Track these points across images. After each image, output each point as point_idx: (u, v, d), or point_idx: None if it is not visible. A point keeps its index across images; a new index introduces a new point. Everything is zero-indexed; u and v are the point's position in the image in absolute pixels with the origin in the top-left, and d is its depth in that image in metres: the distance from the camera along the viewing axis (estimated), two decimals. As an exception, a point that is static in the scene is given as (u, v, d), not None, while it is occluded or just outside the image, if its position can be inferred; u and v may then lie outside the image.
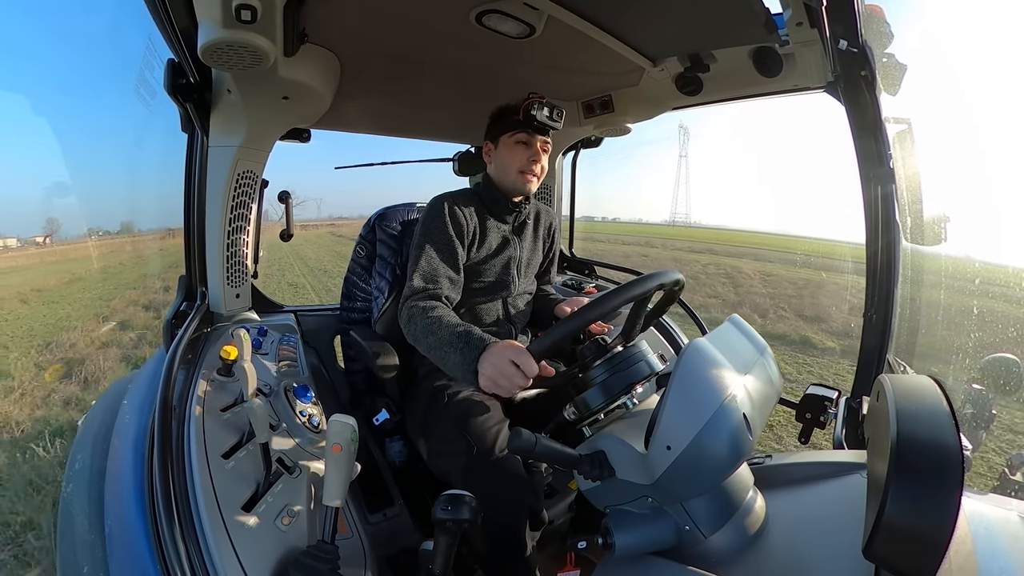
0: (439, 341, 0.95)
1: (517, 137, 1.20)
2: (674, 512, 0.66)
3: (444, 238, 1.15)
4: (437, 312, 1.02)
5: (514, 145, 1.20)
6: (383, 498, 1.23)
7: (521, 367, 0.79)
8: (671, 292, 0.91)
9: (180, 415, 0.86)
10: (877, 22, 0.97)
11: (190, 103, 1.05)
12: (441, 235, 1.15)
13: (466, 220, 1.19)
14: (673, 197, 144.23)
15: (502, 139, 1.21)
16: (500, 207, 1.26)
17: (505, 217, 1.28)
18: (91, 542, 0.79)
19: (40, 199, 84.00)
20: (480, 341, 0.88)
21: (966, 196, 5.79)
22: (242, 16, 0.77)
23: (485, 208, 1.26)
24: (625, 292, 0.81)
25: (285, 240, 1.47)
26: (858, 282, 1.40)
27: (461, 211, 1.19)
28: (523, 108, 1.15)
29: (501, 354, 0.82)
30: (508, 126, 1.20)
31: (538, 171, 1.22)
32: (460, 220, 1.18)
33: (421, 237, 1.16)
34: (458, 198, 1.22)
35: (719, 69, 1.26)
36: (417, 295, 1.09)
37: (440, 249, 1.14)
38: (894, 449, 0.48)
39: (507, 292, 1.27)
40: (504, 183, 1.23)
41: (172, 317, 1.15)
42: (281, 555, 0.73)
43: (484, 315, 1.24)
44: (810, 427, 1.17)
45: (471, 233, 1.20)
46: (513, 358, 0.80)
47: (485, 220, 1.24)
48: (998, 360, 1.82)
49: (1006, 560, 0.53)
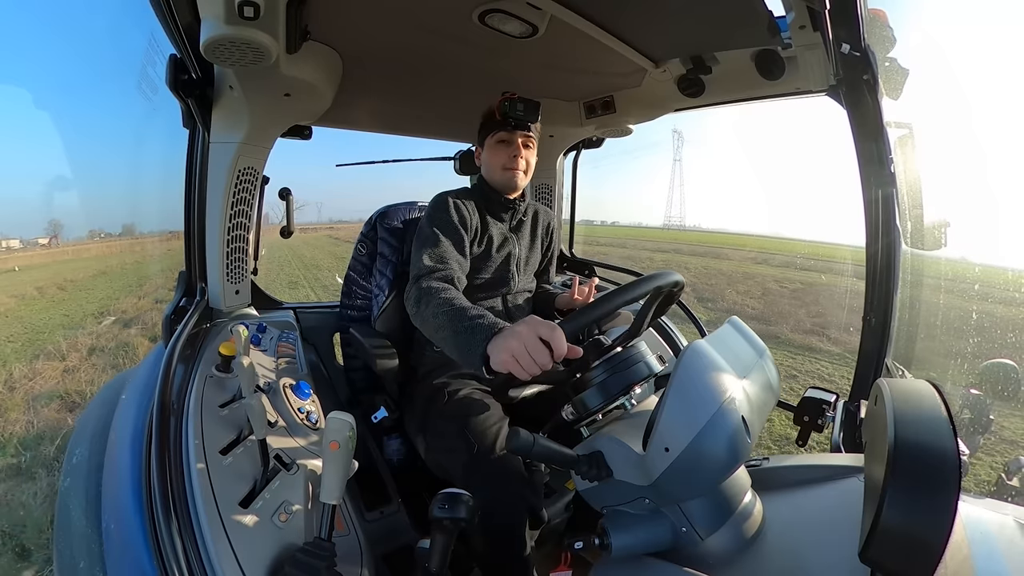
0: (451, 320, 0.87)
1: (498, 136, 1.23)
2: (671, 513, 0.67)
3: (451, 227, 1.16)
4: (451, 293, 0.97)
5: (496, 144, 1.23)
6: (381, 496, 1.23)
7: (552, 344, 0.72)
8: (671, 293, 0.91)
9: (178, 411, 0.86)
10: (880, 26, 0.97)
11: (192, 99, 1.05)
12: (448, 224, 1.16)
13: (469, 215, 1.21)
14: (668, 200, 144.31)
15: (487, 141, 1.25)
16: (497, 206, 1.29)
17: (502, 215, 1.30)
18: (88, 537, 0.79)
19: (40, 198, 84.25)
20: (495, 324, 0.81)
21: (968, 201, 5.80)
22: (245, 12, 0.77)
23: (484, 207, 1.28)
24: (649, 282, 0.82)
25: (285, 237, 1.47)
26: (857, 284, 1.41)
27: (464, 206, 1.21)
28: (498, 107, 1.19)
29: (530, 329, 0.74)
30: (490, 127, 1.24)
31: (522, 165, 1.23)
32: (464, 214, 1.20)
33: (428, 227, 1.15)
34: (460, 195, 1.24)
35: (721, 71, 1.26)
36: (428, 275, 1.04)
37: (449, 235, 1.14)
38: (891, 453, 0.48)
39: (507, 289, 1.28)
40: (494, 181, 1.27)
41: (171, 313, 1.15)
42: (278, 552, 0.73)
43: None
44: (808, 430, 1.17)
45: (473, 229, 1.21)
46: (544, 335, 0.72)
47: (485, 217, 1.26)
48: (996, 366, 1.83)
49: (1002, 564, 0.53)
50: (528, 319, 0.77)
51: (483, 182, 1.31)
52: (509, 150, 1.22)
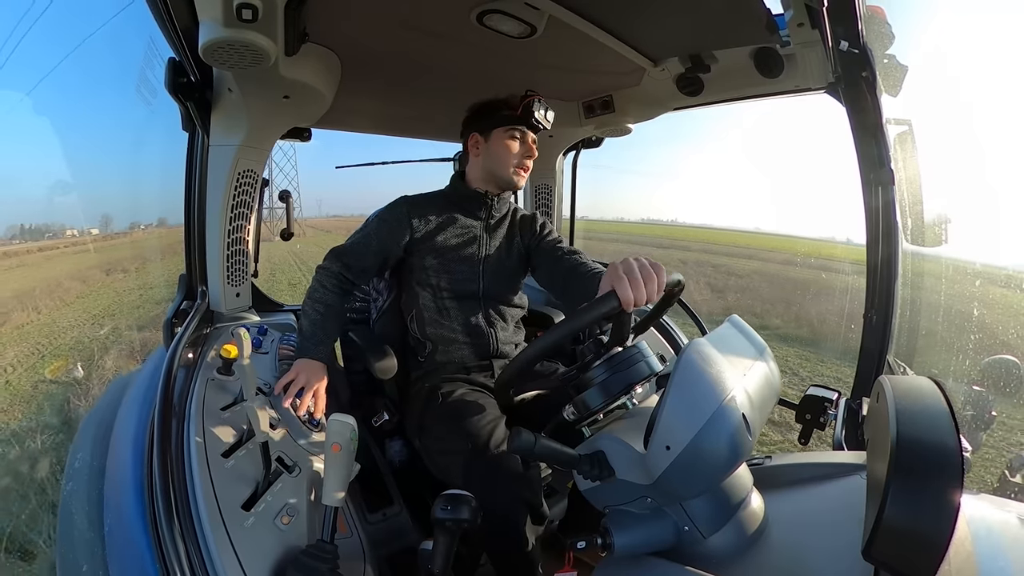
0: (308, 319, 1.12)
1: (512, 132, 1.19)
2: (673, 512, 0.66)
3: (380, 235, 1.19)
4: (328, 299, 1.14)
5: (509, 140, 1.20)
6: (383, 498, 1.23)
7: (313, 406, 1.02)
8: (671, 292, 0.91)
9: (180, 414, 0.86)
10: (878, 23, 0.97)
11: (191, 102, 1.05)
12: (376, 233, 1.20)
13: (412, 227, 1.20)
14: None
15: (495, 132, 1.20)
16: (472, 203, 1.25)
17: (477, 213, 1.26)
18: (90, 541, 0.79)
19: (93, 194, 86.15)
20: (306, 351, 1.08)
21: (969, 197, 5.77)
22: (243, 15, 0.77)
23: (453, 206, 1.25)
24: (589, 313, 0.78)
25: (286, 239, 1.47)
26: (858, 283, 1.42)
27: (412, 217, 1.20)
28: (523, 105, 1.16)
29: (305, 376, 1.03)
30: (503, 120, 1.19)
31: (530, 166, 1.23)
32: (401, 227, 1.19)
33: (371, 221, 1.23)
34: (418, 202, 1.23)
35: (720, 70, 1.26)
36: (331, 261, 1.17)
37: (372, 240, 1.19)
38: (894, 450, 0.48)
39: (478, 291, 1.23)
40: (497, 174, 1.22)
41: (172, 316, 1.15)
42: (280, 554, 0.73)
43: (460, 316, 1.22)
44: (810, 428, 1.17)
45: (421, 235, 1.20)
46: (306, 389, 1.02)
47: (452, 219, 1.23)
48: (998, 362, 1.83)
49: (1006, 561, 0.52)
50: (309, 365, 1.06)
51: (463, 177, 1.28)
52: (522, 149, 1.21)
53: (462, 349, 1.22)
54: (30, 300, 9.13)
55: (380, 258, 1.19)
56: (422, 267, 1.21)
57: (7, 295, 9.67)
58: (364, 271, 1.19)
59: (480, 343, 1.22)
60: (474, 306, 1.23)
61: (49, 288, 10.74)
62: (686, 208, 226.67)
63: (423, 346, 1.24)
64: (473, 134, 1.24)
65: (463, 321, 1.22)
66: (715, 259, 17.27)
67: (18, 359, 5.73)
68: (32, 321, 7.97)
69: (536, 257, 1.28)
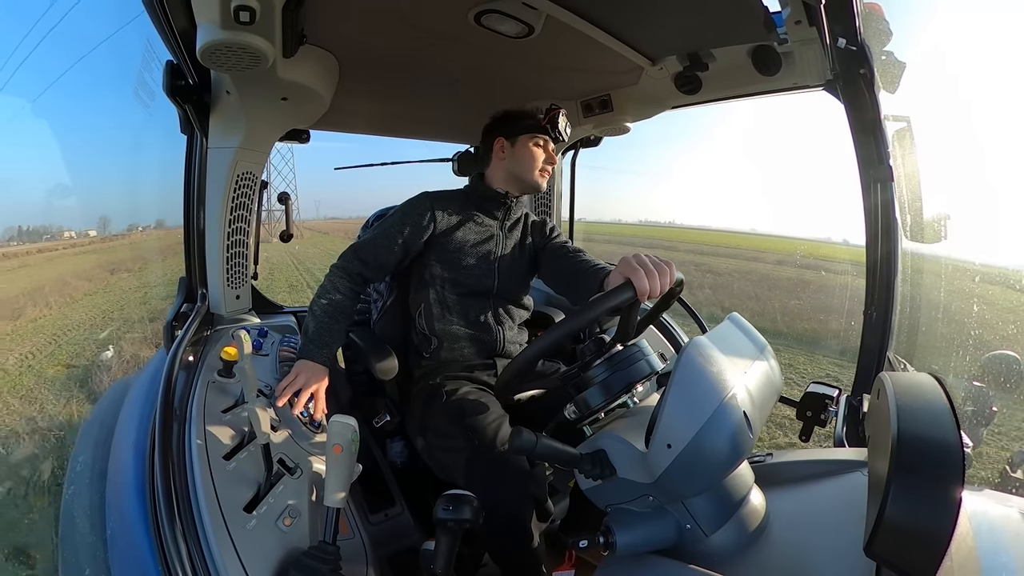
0: (316, 320, 1.13)
1: (537, 139, 1.26)
2: (675, 511, 0.66)
3: (402, 230, 1.20)
4: (337, 301, 1.15)
5: (534, 146, 1.26)
6: (384, 498, 1.23)
7: (314, 407, 1.03)
8: (671, 291, 0.91)
9: (181, 416, 0.86)
10: (876, 20, 0.97)
11: (189, 104, 1.05)
12: (400, 226, 1.20)
13: (435, 221, 1.22)
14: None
15: (521, 138, 1.26)
16: (492, 202, 1.29)
17: (495, 213, 1.30)
18: (93, 544, 0.79)
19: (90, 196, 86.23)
20: (309, 354, 1.08)
21: (968, 193, 5.76)
22: (241, 17, 0.77)
23: (473, 205, 1.28)
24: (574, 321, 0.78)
25: (285, 241, 1.47)
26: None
27: (435, 211, 1.22)
28: (549, 116, 1.24)
29: (305, 378, 1.03)
30: (529, 128, 1.26)
31: (551, 172, 1.30)
32: (424, 221, 1.21)
33: (392, 218, 1.23)
34: (440, 197, 1.26)
35: (718, 68, 1.26)
36: (341, 268, 1.18)
37: (391, 237, 1.20)
38: (895, 447, 0.48)
39: (491, 289, 1.26)
40: (523, 177, 1.27)
41: (172, 318, 1.15)
42: (283, 556, 0.73)
43: (470, 313, 1.24)
44: (811, 425, 1.17)
45: (441, 230, 1.23)
46: (303, 391, 1.01)
47: (471, 216, 1.26)
48: (998, 357, 1.83)
49: (1008, 557, 0.52)
50: (312, 368, 1.06)
51: (484, 178, 1.31)
52: (546, 155, 1.28)
53: (468, 346, 1.23)
54: (40, 297, 9.50)
55: (402, 252, 1.21)
56: (437, 262, 1.23)
57: (17, 292, 9.96)
58: (382, 267, 1.20)
59: (487, 341, 1.24)
60: (485, 304, 1.25)
61: (57, 286, 11.09)
62: (683, 210, 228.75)
63: (428, 342, 1.24)
64: (499, 138, 1.29)
65: (472, 318, 1.24)
66: (699, 258, 17.92)
67: (37, 348, 6.26)
68: (45, 315, 8.36)
69: (543, 256, 1.32)
